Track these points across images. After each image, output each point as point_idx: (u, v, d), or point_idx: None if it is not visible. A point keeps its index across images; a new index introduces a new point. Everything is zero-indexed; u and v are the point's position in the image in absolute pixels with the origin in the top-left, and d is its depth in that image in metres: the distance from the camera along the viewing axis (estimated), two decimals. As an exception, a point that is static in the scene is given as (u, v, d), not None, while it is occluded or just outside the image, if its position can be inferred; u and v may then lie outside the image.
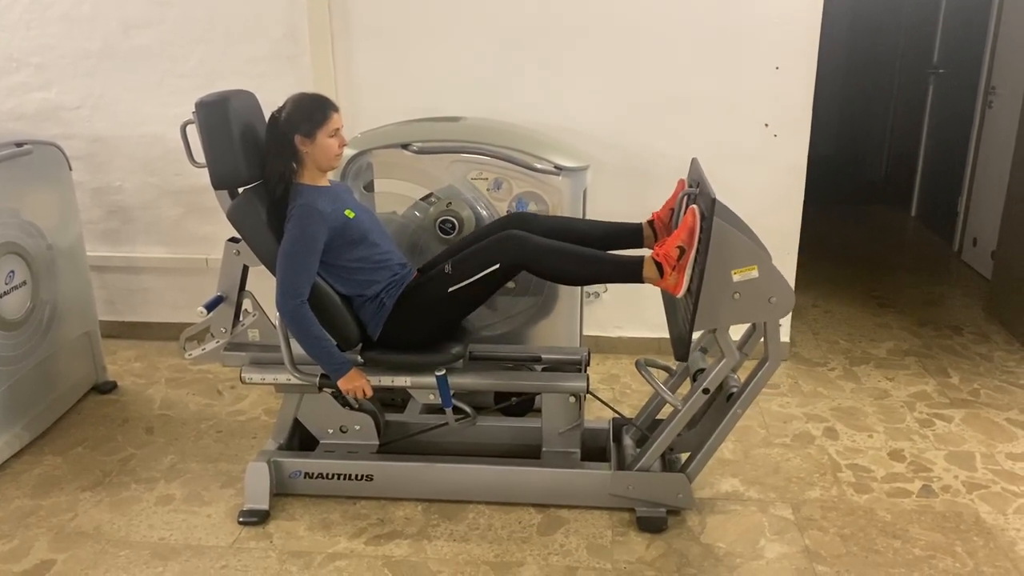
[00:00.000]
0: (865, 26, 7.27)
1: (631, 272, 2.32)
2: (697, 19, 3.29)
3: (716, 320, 2.23)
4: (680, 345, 2.26)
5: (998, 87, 4.68)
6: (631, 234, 2.58)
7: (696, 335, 2.67)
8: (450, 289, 2.44)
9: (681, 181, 2.54)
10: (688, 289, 2.22)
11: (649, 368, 2.53)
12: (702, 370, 2.49)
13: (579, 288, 3.07)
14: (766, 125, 3.38)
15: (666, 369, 2.75)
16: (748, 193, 3.41)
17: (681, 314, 2.32)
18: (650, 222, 2.57)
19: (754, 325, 2.47)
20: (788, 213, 3.48)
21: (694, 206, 2.23)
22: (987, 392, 3.38)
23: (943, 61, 5.61)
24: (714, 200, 2.09)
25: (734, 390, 2.42)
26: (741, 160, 3.41)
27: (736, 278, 2.18)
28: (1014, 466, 2.83)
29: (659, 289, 2.39)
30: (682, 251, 2.19)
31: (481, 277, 2.40)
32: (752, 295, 2.20)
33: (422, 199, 3.01)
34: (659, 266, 2.24)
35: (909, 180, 6.20)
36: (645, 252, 2.37)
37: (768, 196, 3.44)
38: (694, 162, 2.52)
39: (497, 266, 2.38)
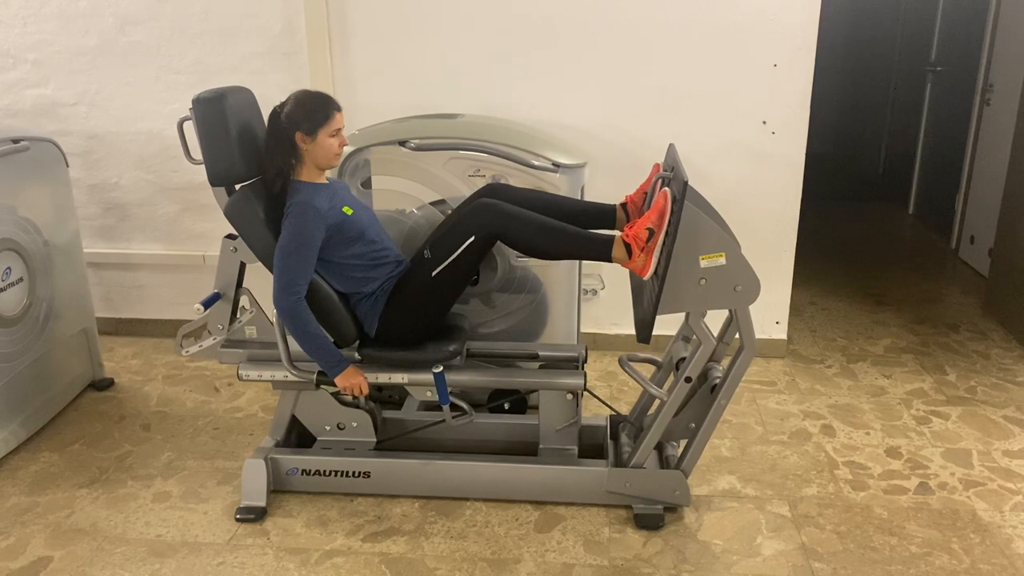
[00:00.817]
0: (863, 23, 7.28)
1: (600, 250, 2.32)
2: (695, 17, 3.29)
3: (681, 304, 2.23)
4: (643, 328, 2.26)
5: (996, 84, 4.68)
6: (604, 215, 2.58)
7: (678, 325, 2.68)
8: (433, 273, 2.44)
9: (656, 165, 2.54)
10: (655, 272, 2.22)
11: (632, 364, 2.53)
12: (684, 359, 2.49)
13: (576, 285, 3.07)
14: (764, 122, 3.38)
15: (651, 362, 2.75)
16: (746, 190, 3.42)
17: (647, 297, 2.32)
18: (623, 204, 2.57)
19: (732, 314, 2.47)
20: (786, 210, 3.49)
21: (666, 189, 2.23)
22: (984, 389, 3.38)
23: (941, 58, 5.61)
24: (686, 184, 2.09)
25: (717, 380, 2.43)
26: (739, 157, 3.42)
27: (703, 264, 2.17)
28: (1011, 463, 2.83)
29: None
30: (651, 233, 2.19)
31: (460, 254, 2.40)
32: (718, 282, 2.20)
33: (432, 203, 3.00)
34: (628, 247, 2.24)
35: (907, 177, 6.20)
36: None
37: (766, 193, 3.45)
38: (671, 147, 2.53)
39: (473, 238, 2.38)
